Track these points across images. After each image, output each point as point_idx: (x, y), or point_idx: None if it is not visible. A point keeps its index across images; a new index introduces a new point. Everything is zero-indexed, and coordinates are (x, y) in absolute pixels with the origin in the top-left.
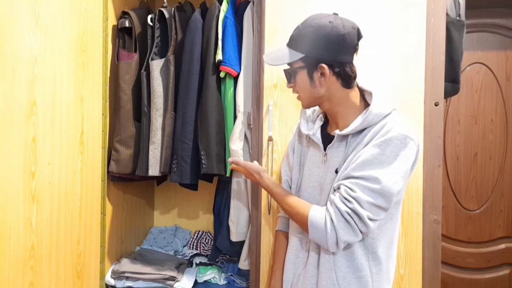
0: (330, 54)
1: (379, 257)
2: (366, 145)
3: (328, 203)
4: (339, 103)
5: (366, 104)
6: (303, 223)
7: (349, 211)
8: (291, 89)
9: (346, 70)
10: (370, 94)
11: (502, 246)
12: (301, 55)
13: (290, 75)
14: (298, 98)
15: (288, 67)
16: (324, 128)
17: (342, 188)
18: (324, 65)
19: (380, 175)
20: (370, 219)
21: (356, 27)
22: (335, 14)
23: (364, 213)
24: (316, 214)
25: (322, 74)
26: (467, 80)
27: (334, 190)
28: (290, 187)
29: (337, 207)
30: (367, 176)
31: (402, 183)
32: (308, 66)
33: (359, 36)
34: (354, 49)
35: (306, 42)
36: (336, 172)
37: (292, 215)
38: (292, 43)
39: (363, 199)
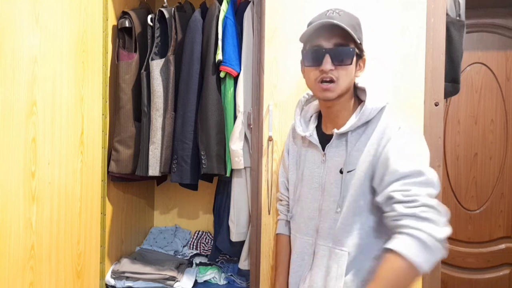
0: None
1: None
2: (368, 142)
3: (399, 227)
4: (347, 100)
5: (359, 101)
6: (409, 275)
7: (422, 208)
8: (333, 70)
9: None
10: (363, 90)
11: (502, 246)
12: (358, 40)
13: (348, 54)
14: (331, 87)
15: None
16: (318, 128)
17: (396, 195)
18: (365, 58)
19: (418, 167)
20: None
21: None
22: None
23: (433, 202)
24: (407, 248)
25: (360, 66)
26: (467, 80)
27: (379, 205)
28: (287, 189)
29: (410, 215)
30: (408, 173)
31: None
32: (358, 53)
33: None
34: None
35: (359, 31)
36: (341, 172)
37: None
38: (350, 26)
39: (422, 193)
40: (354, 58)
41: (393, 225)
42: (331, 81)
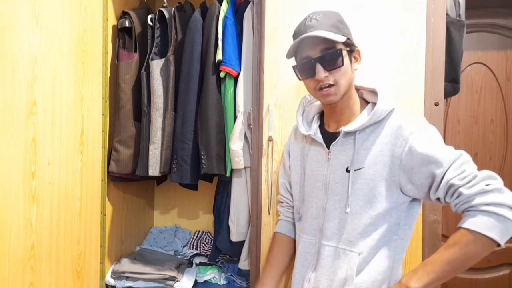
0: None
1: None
2: (378, 141)
3: (473, 207)
4: (350, 96)
5: (366, 102)
6: (484, 248)
7: (485, 182)
8: (328, 76)
9: None
10: (371, 91)
11: (502, 246)
12: (344, 38)
13: (337, 56)
14: (332, 91)
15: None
16: (321, 127)
17: (455, 181)
18: (359, 49)
19: (455, 150)
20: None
21: None
22: None
23: (487, 172)
24: (482, 220)
25: (356, 58)
26: (467, 80)
27: (440, 200)
28: (288, 191)
29: (478, 193)
30: (453, 158)
31: None
32: (349, 49)
33: None
34: None
35: (343, 26)
36: (348, 171)
37: (464, 260)
38: (330, 27)
39: (473, 168)
40: (346, 57)
41: (465, 208)
42: (330, 85)
